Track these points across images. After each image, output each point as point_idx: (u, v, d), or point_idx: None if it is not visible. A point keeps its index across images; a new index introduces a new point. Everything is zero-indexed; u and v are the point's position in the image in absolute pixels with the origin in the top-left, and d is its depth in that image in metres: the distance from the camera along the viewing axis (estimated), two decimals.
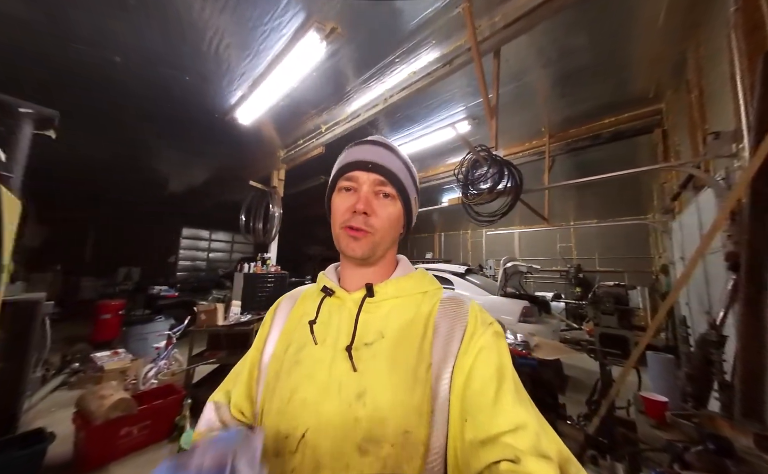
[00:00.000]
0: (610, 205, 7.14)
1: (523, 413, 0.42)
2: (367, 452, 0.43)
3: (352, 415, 0.45)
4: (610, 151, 4.17)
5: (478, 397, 0.44)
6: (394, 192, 0.56)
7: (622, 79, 3.17)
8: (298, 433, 0.46)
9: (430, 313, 0.54)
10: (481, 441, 0.40)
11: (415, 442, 0.43)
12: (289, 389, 0.50)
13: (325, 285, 0.60)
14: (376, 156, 0.56)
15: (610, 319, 3.31)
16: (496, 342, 0.50)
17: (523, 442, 0.39)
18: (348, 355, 0.49)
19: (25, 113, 2.21)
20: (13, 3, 2.23)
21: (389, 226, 0.55)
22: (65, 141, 2.84)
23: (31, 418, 2.70)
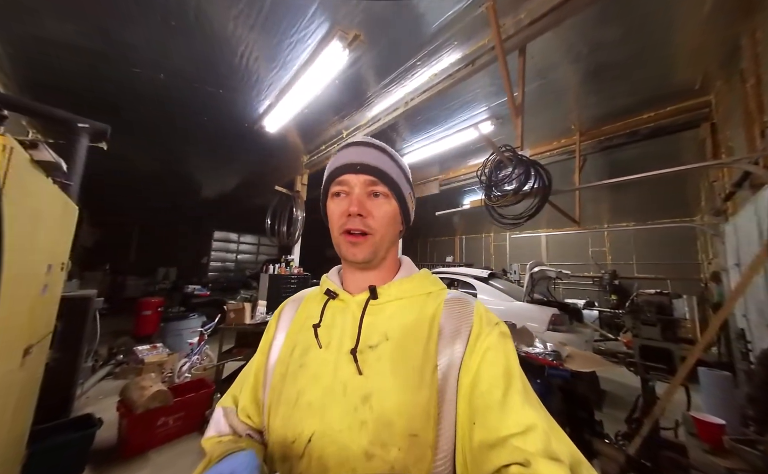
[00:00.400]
0: (650, 206, 6.58)
1: (532, 414, 0.41)
2: (374, 456, 0.43)
3: (358, 418, 0.45)
4: (647, 148, 3.86)
5: (485, 398, 0.43)
6: (386, 190, 0.55)
7: (662, 71, 2.94)
8: (304, 438, 0.46)
9: (435, 314, 0.53)
10: (490, 444, 0.40)
11: (423, 445, 0.43)
12: (295, 392, 0.50)
13: (329, 288, 0.59)
14: (363, 157, 0.55)
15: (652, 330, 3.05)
16: (503, 342, 0.49)
17: (532, 444, 0.38)
18: (353, 359, 0.49)
19: (82, 127, 2.47)
20: (72, 32, 2.50)
21: (387, 224, 0.55)
22: (115, 152, 3.11)
23: (82, 404, 2.98)
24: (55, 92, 3.21)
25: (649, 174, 2.52)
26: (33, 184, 1.06)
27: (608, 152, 4.14)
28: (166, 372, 3.64)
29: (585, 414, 1.92)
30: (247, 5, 2.26)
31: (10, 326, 1.09)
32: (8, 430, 1.24)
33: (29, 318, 1.23)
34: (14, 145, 0.87)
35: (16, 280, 1.04)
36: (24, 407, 1.43)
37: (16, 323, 1.14)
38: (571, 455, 0.38)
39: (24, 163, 0.96)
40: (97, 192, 6.71)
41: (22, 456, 1.52)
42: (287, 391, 0.51)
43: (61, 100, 2.83)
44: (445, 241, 11.65)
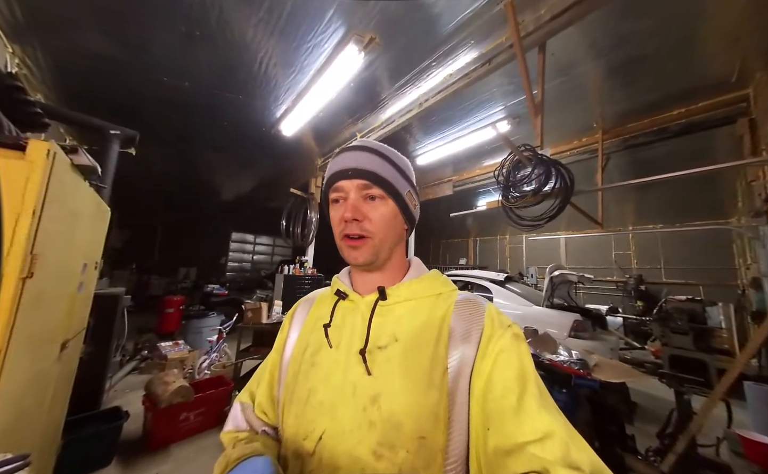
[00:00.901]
0: (679, 207, 6.22)
1: (550, 420, 0.39)
2: (382, 457, 0.43)
3: (367, 419, 0.45)
4: (674, 146, 3.66)
5: (500, 403, 0.42)
6: (381, 192, 0.54)
7: (694, 64, 2.77)
8: (315, 435, 0.47)
9: (445, 316, 0.52)
10: (506, 451, 0.39)
11: (432, 448, 0.42)
12: (306, 391, 0.51)
13: (339, 289, 0.60)
14: (355, 161, 0.55)
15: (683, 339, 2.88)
16: (516, 345, 0.47)
17: (551, 452, 0.36)
18: (362, 359, 0.49)
19: (114, 134, 2.62)
20: (105, 44, 2.65)
21: (386, 226, 0.55)
22: (141, 157, 3.27)
23: (110, 397, 3.13)
24: (88, 101, 3.41)
25: (681, 173, 2.38)
26: (73, 186, 1.13)
27: (633, 151, 3.95)
28: (187, 368, 3.77)
29: (615, 428, 1.81)
30: (267, 12, 2.32)
31: (50, 322, 1.16)
32: (46, 419, 1.31)
33: (67, 314, 1.31)
34: (57, 150, 0.93)
35: (57, 278, 1.10)
36: (60, 399, 1.51)
37: (56, 319, 1.21)
38: (591, 464, 0.36)
39: (65, 166, 1.03)
40: (125, 195, 7.06)
41: (58, 445, 1.61)
42: (299, 390, 0.52)
43: (94, 109, 3.00)
44: (458, 243, 11.48)
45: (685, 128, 3.36)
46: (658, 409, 3.19)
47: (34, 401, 1.16)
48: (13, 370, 0.90)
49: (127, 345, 4.10)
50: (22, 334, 0.90)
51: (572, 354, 1.89)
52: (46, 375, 1.21)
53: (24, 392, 1.05)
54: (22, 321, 0.88)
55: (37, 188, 0.86)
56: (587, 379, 1.61)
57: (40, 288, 0.96)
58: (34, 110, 1.05)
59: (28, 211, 0.84)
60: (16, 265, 0.82)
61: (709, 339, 2.97)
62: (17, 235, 0.83)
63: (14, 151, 0.85)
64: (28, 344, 0.98)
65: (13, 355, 0.87)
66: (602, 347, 3.46)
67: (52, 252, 1.01)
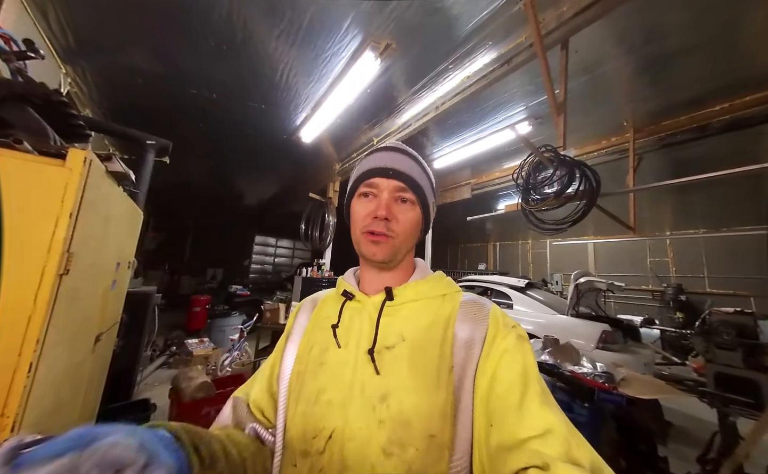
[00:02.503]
0: (723, 211, 5.68)
1: (552, 417, 0.40)
2: (392, 455, 0.43)
3: (376, 417, 0.46)
4: (716, 144, 3.36)
5: (503, 401, 0.43)
6: (413, 197, 0.57)
7: (738, 55, 2.54)
8: (325, 434, 0.47)
9: (450, 316, 0.53)
10: (508, 447, 0.39)
11: (440, 446, 0.43)
12: (315, 390, 0.51)
13: (346, 289, 0.61)
14: (396, 162, 0.57)
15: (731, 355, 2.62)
16: (520, 345, 0.48)
17: (552, 448, 0.37)
18: (370, 358, 0.50)
19: (150, 144, 2.83)
20: (141, 61, 2.88)
21: (410, 230, 0.57)
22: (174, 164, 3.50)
23: (141, 389, 3.34)
24: (129, 114, 3.71)
25: (722, 173, 2.18)
26: (107, 191, 1.24)
27: (668, 151, 3.67)
28: (210, 365, 3.94)
29: (645, 448, 1.67)
30: (288, 24, 2.42)
31: (85, 316, 1.26)
32: (82, 406, 1.42)
33: (101, 309, 1.42)
34: (93, 158, 1.02)
35: (90, 274, 1.20)
36: (94, 388, 1.63)
37: (90, 313, 1.32)
38: (592, 462, 0.37)
39: (100, 172, 1.13)
40: (160, 201, 7.62)
41: None
42: (307, 389, 0.52)
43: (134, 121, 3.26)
44: (477, 248, 11.19)
45: (729, 125, 3.08)
46: (696, 430, 2.89)
47: (71, 389, 1.26)
48: (50, 359, 0.99)
49: (157, 341, 4.36)
50: (59, 326, 0.99)
51: (596, 366, 1.76)
52: (81, 365, 1.31)
53: (62, 380, 1.14)
54: (58, 314, 0.96)
55: (74, 193, 0.94)
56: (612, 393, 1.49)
57: (75, 284, 1.05)
58: (78, 123, 1.16)
59: (66, 214, 0.93)
60: (54, 262, 0.91)
61: (762, 356, 2.68)
62: (56, 236, 0.92)
63: (56, 160, 0.95)
64: (64, 336, 1.07)
65: (50, 345, 0.96)
66: (635, 361, 3.21)
67: (87, 251, 1.11)
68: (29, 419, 0.93)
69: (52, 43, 2.50)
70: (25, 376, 0.89)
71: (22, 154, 0.92)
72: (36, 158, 0.94)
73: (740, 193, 4.99)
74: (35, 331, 0.90)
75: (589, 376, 1.68)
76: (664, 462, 1.68)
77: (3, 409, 0.88)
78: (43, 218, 0.92)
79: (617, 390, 1.51)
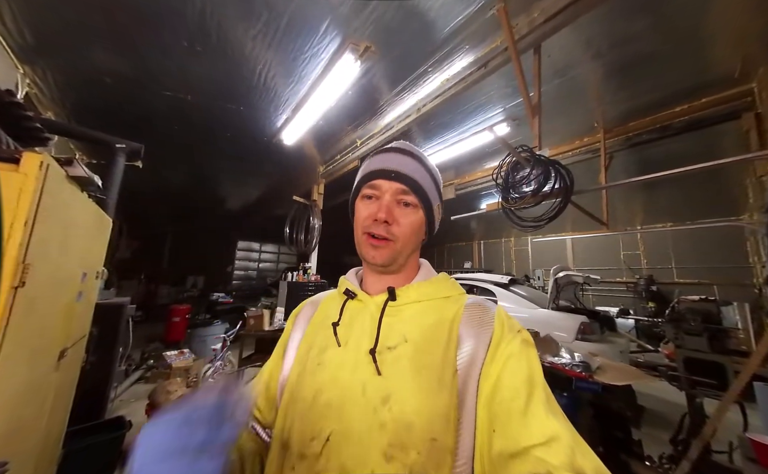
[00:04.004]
0: (688, 205, 6.07)
1: (556, 425, 0.39)
2: (393, 458, 0.42)
3: (378, 420, 0.44)
4: (681, 143, 3.59)
5: (506, 406, 0.42)
6: (416, 201, 0.56)
7: (695, 60, 2.73)
8: (323, 436, 0.46)
9: (455, 319, 0.52)
10: (511, 453, 0.39)
11: (442, 450, 0.42)
12: (312, 391, 0.50)
13: (348, 288, 0.60)
14: (399, 164, 0.56)
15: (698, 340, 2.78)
16: (526, 350, 0.47)
17: (556, 456, 0.36)
18: (372, 359, 0.49)
19: (119, 148, 2.69)
20: (109, 60, 2.74)
21: (411, 233, 0.56)
22: (149, 169, 3.35)
23: (116, 407, 3.15)
24: (97, 117, 3.53)
25: (686, 169, 2.32)
26: (68, 196, 1.17)
27: (638, 150, 3.89)
28: (191, 377, 3.79)
29: (620, 433, 1.75)
30: (264, 25, 2.38)
31: (45, 330, 1.18)
32: (45, 428, 1.33)
33: (65, 322, 1.33)
34: (50, 162, 0.96)
35: (50, 285, 1.13)
36: (60, 407, 1.53)
37: (52, 327, 1.24)
38: (596, 471, 0.36)
39: (60, 177, 1.06)
40: (134, 207, 7.25)
41: (58, 455, 1.62)
42: (305, 390, 0.51)
43: (103, 124, 3.10)
44: (462, 247, 11.40)
45: (688, 125, 3.30)
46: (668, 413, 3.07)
47: (32, 409, 1.17)
48: (7, 377, 0.92)
49: (133, 354, 4.15)
50: (15, 342, 0.92)
51: (574, 356, 1.83)
52: (43, 383, 1.22)
53: (20, 399, 1.06)
54: (14, 329, 0.89)
55: (29, 199, 0.88)
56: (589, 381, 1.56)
57: (33, 296, 0.98)
58: (34, 125, 1.09)
59: (20, 222, 0.87)
60: (8, 274, 0.85)
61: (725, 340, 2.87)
62: (9, 245, 0.85)
63: (9, 164, 0.89)
64: (22, 352, 0.99)
65: (5, 362, 0.89)
66: (611, 350, 3.36)
67: (46, 261, 1.04)
68: None
69: (7, 41, 2.34)
70: None
71: None
72: None
73: (703, 189, 5.35)
74: None
75: (567, 366, 1.74)
76: (638, 445, 1.77)
77: None
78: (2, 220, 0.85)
79: (593, 378, 1.58)
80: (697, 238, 6.43)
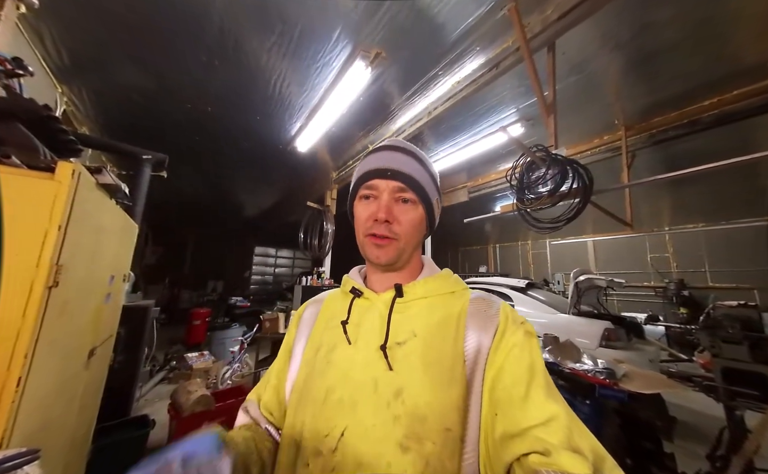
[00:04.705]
0: (720, 203, 5.68)
1: (555, 407, 0.41)
2: (409, 449, 0.43)
3: (391, 414, 0.45)
4: (708, 139, 3.38)
5: (509, 391, 0.44)
6: (414, 197, 0.56)
7: (724, 50, 2.58)
8: (337, 432, 0.46)
9: (461, 312, 0.54)
10: (512, 435, 0.40)
11: (455, 440, 0.44)
12: (324, 390, 0.50)
13: (354, 286, 0.61)
14: (394, 162, 0.56)
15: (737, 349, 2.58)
16: (528, 341, 0.49)
17: (554, 435, 0.38)
18: (383, 355, 0.50)
19: (145, 159, 2.85)
20: (135, 77, 2.92)
21: (412, 230, 0.56)
22: (172, 178, 3.53)
23: (141, 405, 3.29)
24: (126, 130, 3.77)
25: (712, 165, 2.18)
26: (98, 203, 1.25)
27: (662, 147, 3.70)
28: (211, 378, 3.90)
29: (651, 444, 1.63)
30: (279, 36, 2.47)
31: (77, 330, 1.25)
32: (75, 424, 1.40)
33: (94, 323, 1.41)
34: (82, 171, 1.04)
35: (81, 287, 1.20)
36: (90, 405, 1.62)
37: (83, 327, 1.31)
38: (593, 450, 0.38)
39: (90, 185, 1.14)
40: (159, 216, 7.65)
41: (88, 450, 1.70)
42: (316, 390, 0.51)
43: (131, 136, 3.30)
44: (477, 250, 11.18)
45: (719, 119, 3.10)
46: (703, 426, 2.84)
47: (63, 406, 1.24)
48: (40, 374, 0.98)
49: (157, 355, 4.33)
50: (49, 340, 0.98)
51: (597, 363, 1.74)
52: (74, 380, 1.30)
53: (52, 396, 1.13)
54: (48, 328, 0.96)
55: (63, 205, 0.95)
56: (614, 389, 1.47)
57: (66, 297, 1.05)
58: (68, 138, 1.17)
59: (54, 226, 0.94)
60: (43, 275, 0.91)
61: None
62: (45, 248, 0.92)
63: (46, 173, 0.97)
64: (55, 350, 1.06)
65: (39, 359, 0.95)
66: (639, 358, 3.17)
67: (78, 264, 1.11)
68: (19, 436, 0.92)
69: (47, 63, 2.55)
70: (14, 391, 0.88)
71: (10, 168, 0.94)
72: (25, 172, 0.95)
73: (737, 186, 4.99)
74: (24, 345, 0.89)
75: (590, 372, 1.65)
76: (671, 459, 1.64)
77: None
78: (32, 231, 0.92)
79: (618, 386, 1.48)
80: (732, 239, 5.99)
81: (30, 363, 0.91)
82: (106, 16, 2.24)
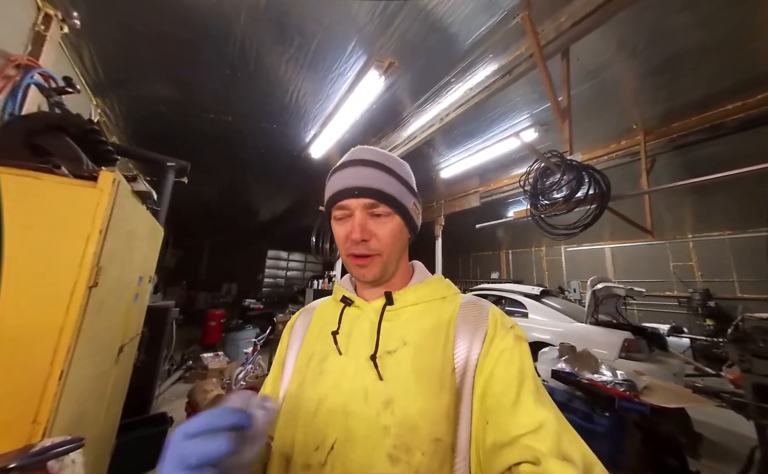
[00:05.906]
0: (749, 210, 5.41)
1: (544, 413, 0.41)
2: (399, 460, 0.42)
3: (381, 423, 0.45)
4: (731, 144, 3.25)
5: (499, 399, 0.43)
6: (388, 209, 0.54)
7: (747, 53, 2.50)
8: (327, 444, 0.46)
9: (451, 318, 0.53)
10: (502, 444, 0.40)
11: (446, 449, 0.43)
12: (315, 400, 0.50)
13: (344, 295, 0.60)
14: (359, 179, 0.53)
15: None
16: (518, 345, 0.49)
17: (543, 443, 0.37)
18: (373, 364, 0.49)
19: (170, 166, 3.00)
20: (163, 90, 3.10)
21: (393, 241, 0.55)
22: (192, 184, 3.69)
23: (159, 403, 3.40)
24: (152, 138, 3.97)
25: (735, 172, 2.10)
26: (132, 208, 1.34)
27: (683, 152, 3.58)
28: (225, 378, 3.99)
29: (675, 461, 1.56)
30: (296, 49, 2.57)
31: (110, 327, 1.34)
32: (104, 417, 1.48)
33: (124, 321, 1.50)
34: (121, 179, 1.12)
35: (115, 287, 1.28)
36: (116, 400, 1.70)
37: (115, 325, 1.40)
38: (583, 456, 0.37)
39: (127, 192, 1.23)
40: (178, 220, 7.96)
41: (112, 445, 1.78)
42: (307, 400, 0.51)
43: (155, 145, 3.48)
44: (489, 256, 11.00)
45: (743, 124, 2.99)
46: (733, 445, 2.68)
47: (96, 398, 1.32)
48: (79, 368, 1.05)
49: (175, 355, 4.47)
50: (87, 336, 1.06)
51: (617, 374, 1.69)
52: (105, 375, 1.38)
53: (88, 389, 1.20)
54: (87, 324, 1.04)
55: (104, 211, 1.04)
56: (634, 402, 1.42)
57: (103, 296, 1.13)
58: (107, 148, 1.27)
59: (96, 230, 1.02)
60: (85, 275, 0.99)
61: None
62: (87, 251, 1.00)
63: (89, 182, 1.05)
64: (92, 346, 1.14)
65: (79, 354, 1.02)
66: (662, 371, 3.04)
67: (113, 265, 1.19)
68: (58, 426, 0.99)
69: (84, 78, 2.74)
70: (56, 384, 0.95)
71: (60, 177, 1.03)
72: (72, 181, 1.04)
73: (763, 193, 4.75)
74: (66, 340, 0.97)
75: (609, 384, 1.60)
76: None
77: (36, 415, 0.94)
78: (77, 235, 1.01)
79: (639, 398, 1.43)
80: (760, 247, 5.68)
81: (71, 358, 0.98)
82: (140, 35, 2.40)
